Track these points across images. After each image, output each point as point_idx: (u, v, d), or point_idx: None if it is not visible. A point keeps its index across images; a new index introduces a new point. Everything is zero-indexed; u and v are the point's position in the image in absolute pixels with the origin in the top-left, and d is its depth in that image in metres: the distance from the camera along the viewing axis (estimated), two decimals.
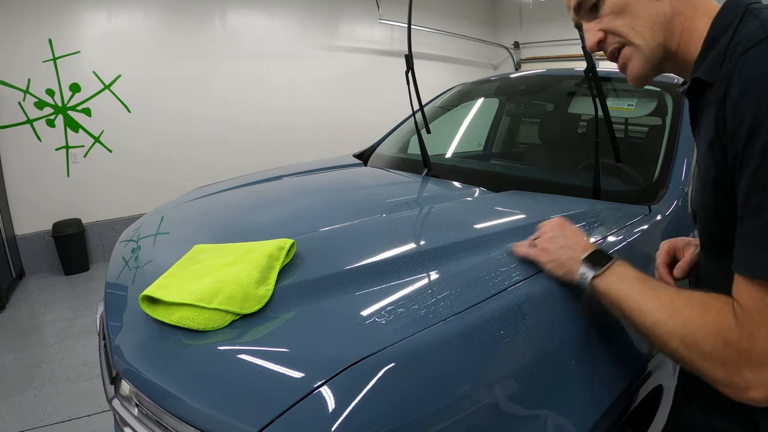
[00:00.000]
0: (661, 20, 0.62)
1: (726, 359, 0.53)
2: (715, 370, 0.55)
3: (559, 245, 0.80)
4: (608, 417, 0.81)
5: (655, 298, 0.63)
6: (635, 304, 0.64)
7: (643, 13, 0.63)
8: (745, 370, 0.52)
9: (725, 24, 0.58)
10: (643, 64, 0.66)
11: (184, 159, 4.35)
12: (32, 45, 3.57)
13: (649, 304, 0.62)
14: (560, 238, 0.81)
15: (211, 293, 0.75)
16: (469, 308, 0.72)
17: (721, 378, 0.54)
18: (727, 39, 0.56)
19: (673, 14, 0.62)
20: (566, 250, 0.78)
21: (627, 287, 0.66)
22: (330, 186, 1.64)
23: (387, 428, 0.57)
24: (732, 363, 0.53)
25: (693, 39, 0.62)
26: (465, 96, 2.16)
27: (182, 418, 0.63)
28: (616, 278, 0.69)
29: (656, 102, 1.56)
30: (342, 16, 5.29)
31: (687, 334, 0.57)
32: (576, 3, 0.68)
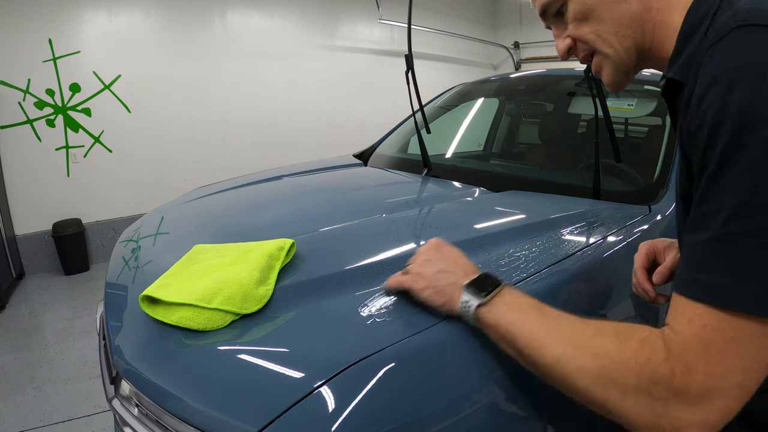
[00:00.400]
0: (628, 22, 0.57)
1: (653, 398, 0.45)
2: (639, 411, 0.46)
3: (436, 269, 0.69)
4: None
5: (557, 330, 0.54)
6: (532, 337, 0.55)
7: (608, 16, 0.57)
8: (674, 410, 0.44)
9: (701, 16, 0.51)
10: (614, 72, 0.61)
11: (184, 159, 4.35)
12: (32, 45, 3.57)
13: (550, 337, 0.53)
14: (437, 261, 0.70)
15: (211, 293, 0.75)
16: None
17: (643, 420, 0.46)
18: (701, 33, 0.50)
19: (642, 11, 0.56)
20: (445, 274, 0.68)
21: (521, 317, 0.57)
22: (330, 186, 1.64)
23: (387, 428, 0.57)
24: (660, 403, 0.45)
25: (667, 34, 0.56)
26: (465, 96, 2.16)
27: (182, 418, 0.63)
28: (506, 308, 0.59)
29: (656, 102, 1.56)
30: (342, 16, 5.29)
31: (601, 370, 0.48)
32: (540, 9, 0.64)
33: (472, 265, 0.69)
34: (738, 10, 0.46)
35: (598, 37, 0.59)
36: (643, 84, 1.67)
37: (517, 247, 0.93)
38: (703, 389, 0.43)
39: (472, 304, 0.62)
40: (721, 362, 0.42)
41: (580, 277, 0.87)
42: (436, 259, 0.71)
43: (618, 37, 0.58)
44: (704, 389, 0.43)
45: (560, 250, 0.91)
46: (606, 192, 1.24)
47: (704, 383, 0.43)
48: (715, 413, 0.43)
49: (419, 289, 0.69)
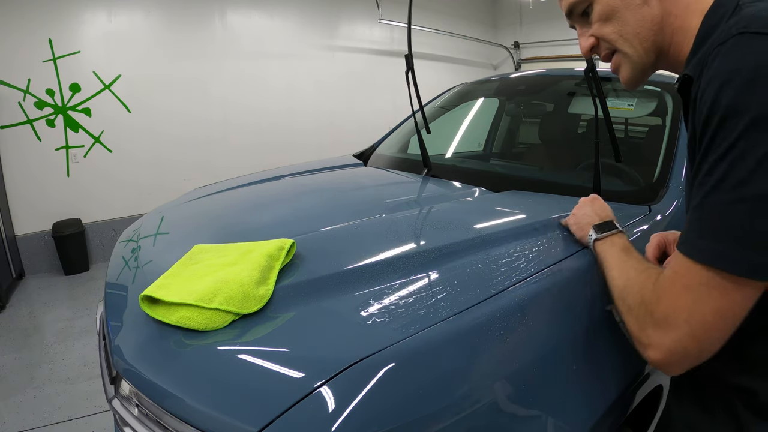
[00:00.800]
0: (649, 25, 0.62)
1: (638, 315, 0.60)
2: (631, 323, 0.61)
3: (584, 212, 0.92)
4: (608, 417, 0.81)
5: (622, 262, 0.71)
6: (607, 264, 0.75)
7: (631, 18, 0.62)
8: (649, 329, 0.58)
9: (716, 20, 0.56)
10: (632, 70, 0.66)
11: (184, 159, 4.35)
12: (32, 45, 3.57)
13: (615, 266, 0.72)
14: (587, 207, 0.92)
15: (211, 293, 0.75)
16: (469, 308, 0.72)
17: (634, 332, 0.61)
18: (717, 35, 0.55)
19: (662, 16, 0.61)
20: (587, 216, 0.89)
21: (611, 251, 0.77)
22: (330, 186, 1.64)
23: (387, 428, 0.57)
24: (641, 320, 0.59)
25: (686, 38, 0.60)
26: (465, 96, 2.16)
27: (182, 418, 0.63)
28: (609, 244, 0.79)
29: (656, 102, 1.56)
30: (342, 16, 5.29)
31: (623, 289, 0.66)
32: (567, 9, 0.69)
33: (609, 215, 0.88)
34: (742, 17, 0.52)
35: (620, 37, 0.65)
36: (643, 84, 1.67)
37: (517, 247, 0.94)
38: (663, 316, 0.56)
39: (592, 236, 0.84)
40: (677, 299, 0.55)
41: (580, 276, 0.87)
42: (587, 206, 0.93)
43: (639, 38, 0.63)
44: (663, 316, 0.56)
45: (560, 250, 0.92)
46: (606, 192, 1.24)
47: (664, 312, 0.56)
48: (669, 339, 0.55)
49: (570, 224, 0.95)
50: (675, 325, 0.54)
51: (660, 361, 0.57)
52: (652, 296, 0.58)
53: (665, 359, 0.56)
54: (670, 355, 0.55)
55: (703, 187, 0.52)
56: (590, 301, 0.87)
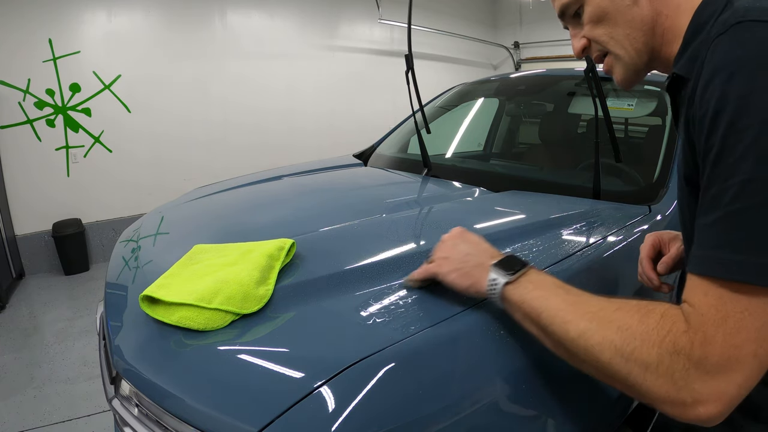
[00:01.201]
0: (639, 26, 0.61)
1: (674, 370, 0.46)
2: (660, 383, 0.47)
3: (462, 253, 0.70)
4: (608, 417, 0.81)
5: (581, 305, 0.55)
6: (556, 314, 0.56)
7: (621, 20, 0.61)
8: (695, 381, 0.45)
9: (705, 17, 0.54)
10: (624, 71, 0.65)
11: (184, 159, 4.35)
12: (32, 45, 3.57)
13: (575, 312, 0.55)
14: (462, 246, 0.72)
15: (211, 293, 0.75)
16: (469, 308, 0.72)
17: (665, 393, 0.47)
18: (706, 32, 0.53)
19: (653, 16, 0.60)
20: (471, 257, 0.69)
21: (546, 295, 0.59)
22: (330, 186, 1.64)
23: (387, 428, 0.57)
24: (680, 374, 0.45)
25: (676, 37, 0.59)
26: (465, 96, 2.16)
27: (182, 418, 0.63)
28: (532, 285, 0.61)
29: (656, 102, 1.56)
30: (342, 16, 5.30)
31: (624, 342, 0.49)
32: (559, 10, 0.68)
33: (495, 250, 0.71)
34: (737, 8, 0.50)
35: (611, 38, 0.63)
36: (643, 84, 1.67)
37: (517, 247, 0.94)
38: (722, 359, 0.44)
39: (499, 282, 0.63)
40: (738, 332, 0.44)
41: (580, 276, 0.87)
42: (461, 244, 0.72)
43: (629, 39, 0.62)
44: (723, 359, 0.44)
45: (560, 250, 0.92)
46: (606, 192, 1.24)
47: (722, 353, 0.44)
48: (734, 385, 0.44)
49: (445, 273, 0.70)
50: (741, 364, 0.43)
51: (720, 414, 0.45)
52: (692, 340, 0.45)
53: (726, 409, 0.45)
54: (731, 403, 0.45)
55: (727, 193, 0.45)
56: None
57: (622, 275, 0.94)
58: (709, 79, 0.48)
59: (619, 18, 0.61)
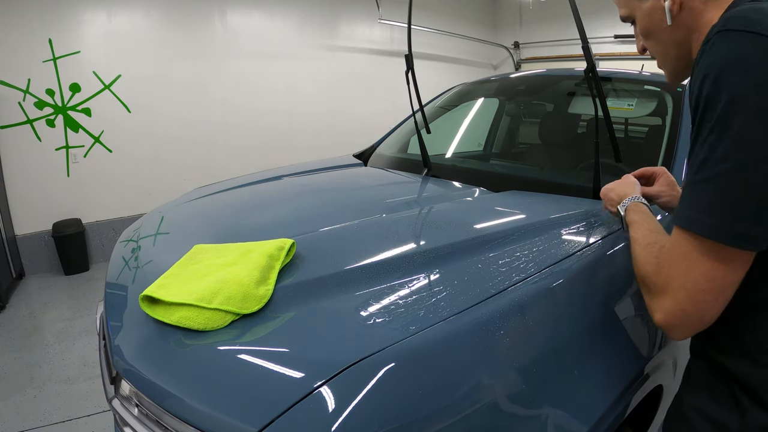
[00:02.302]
0: (674, 45, 0.71)
1: (647, 286, 0.67)
2: (644, 293, 0.68)
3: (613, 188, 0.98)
4: (608, 417, 0.81)
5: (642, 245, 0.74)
6: (633, 235, 0.78)
7: (662, 39, 0.73)
8: (654, 295, 0.64)
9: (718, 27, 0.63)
10: (667, 74, 0.78)
11: (184, 159, 4.35)
12: (32, 45, 3.57)
13: (640, 239, 0.75)
14: (617, 186, 0.97)
15: (211, 293, 0.75)
16: (469, 308, 0.73)
17: (646, 301, 0.67)
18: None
19: (688, 35, 0.69)
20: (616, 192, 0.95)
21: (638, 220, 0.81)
22: (330, 186, 1.64)
23: (387, 428, 0.57)
24: (648, 289, 0.66)
25: None
26: (465, 96, 2.16)
27: (182, 418, 0.63)
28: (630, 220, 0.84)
29: (656, 102, 1.56)
30: (342, 16, 5.29)
31: (636, 259, 0.71)
32: (621, 17, 0.80)
33: (629, 193, 0.91)
34: (723, 18, 0.59)
35: (655, 51, 0.77)
36: (643, 84, 1.67)
37: (517, 247, 0.94)
38: (663, 283, 0.62)
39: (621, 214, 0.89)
40: (673, 266, 0.61)
41: (580, 276, 0.87)
42: (615, 186, 0.98)
43: (668, 55, 0.75)
44: (663, 283, 0.62)
45: (560, 250, 0.92)
46: None
47: (664, 279, 0.62)
48: (669, 303, 0.61)
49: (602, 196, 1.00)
50: (673, 290, 0.60)
51: (663, 322, 0.62)
52: (653, 268, 0.65)
53: (668, 321, 0.62)
54: (672, 318, 0.61)
55: (693, 167, 0.59)
56: (590, 301, 0.87)
57: (622, 275, 0.94)
58: (693, 81, 0.60)
59: (661, 36, 0.73)
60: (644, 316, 0.95)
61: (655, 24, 0.72)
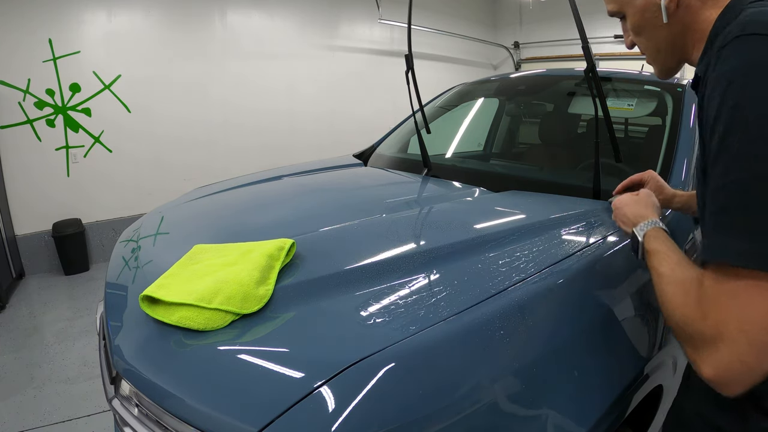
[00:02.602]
0: (671, 42, 0.69)
1: (688, 335, 0.56)
2: (684, 341, 0.58)
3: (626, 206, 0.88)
4: (608, 417, 0.81)
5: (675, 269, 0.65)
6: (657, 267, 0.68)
7: (655, 36, 0.70)
8: (701, 347, 0.54)
9: (723, 24, 0.60)
10: (657, 71, 0.75)
11: (184, 159, 4.35)
12: (32, 45, 3.57)
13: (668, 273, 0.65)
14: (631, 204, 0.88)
15: (211, 293, 0.75)
16: (469, 308, 0.72)
17: (687, 352, 0.57)
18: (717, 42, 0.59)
19: (683, 32, 0.67)
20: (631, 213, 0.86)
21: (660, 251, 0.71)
22: (330, 186, 1.64)
23: (387, 428, 0.57)
24: (689, 338, 0.56)
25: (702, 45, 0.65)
26: (465, 96, 2.16)
27: (182, 418, 0.63)
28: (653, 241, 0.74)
29: (656, 102, 1.56)
30: (342, 16, 5.29)
31: (667, 299, 0.61)
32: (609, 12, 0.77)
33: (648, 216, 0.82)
34: (739, 22, 0.56)
35: (646, 49, 0.74)
36: (643, 84, 1.67)
37: (517, 247, 0.94)
38: (713, 332, 0.52)
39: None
40: (724, 310, 0.51)
41: (580, 277, 0.87)
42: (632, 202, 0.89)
43: (661, 53, 0.72)
44: (713, 332, 0.52)
45: (560, 250, 0.91)
46: (606, 192, 1.24)
47: (713, 327, 0.52)
48: (727, 354, 0.50)
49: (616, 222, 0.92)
50: (729, 338, 0.50)
51: (715, 378, 0.52)
52: (696, 314, 0.55)
53: (724, 376, 0.51)
54: (728, 372, 0.51)
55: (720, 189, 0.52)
56: (590, 301, 0.87)
57: (622, 275, 0.94)
58: (713, 87, 0.55)
59: (653, 34, 0.70)
60: (644, 316, 0.96)
61: (649, 21, 0.69)
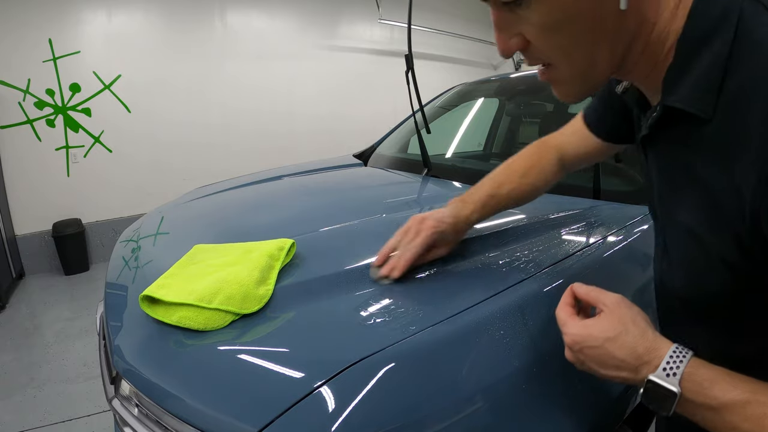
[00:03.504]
0: (611, 48, 0.46)
1: None
2: None
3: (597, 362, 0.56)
4: (608, 417, 0.81)
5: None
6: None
7: (589, 37, 0.46)
8: None
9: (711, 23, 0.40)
10: (568, 94, 0.53)
11: (184, 159, 4.35)
12: (32, 45, 3.57)
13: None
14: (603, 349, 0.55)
15: (211, 293, 0.75)
16: (469, 308, 0.72)
17: None
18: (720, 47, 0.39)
19: (636, 28, 0.46)
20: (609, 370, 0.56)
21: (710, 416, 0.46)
22: (330, 186, 1.64)
23: (387, 428, 0.57)
24: None
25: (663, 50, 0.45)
26: (465, 96, 2.16)
27: (182, 418, 0.63)
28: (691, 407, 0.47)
29: None
30: (342, 16, 5.29)
31: None
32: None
33: (658, 346, 0.52)
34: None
35: (565, 56, 0.49)
36: None
37: (517, 247, 0.94)
38: None
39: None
40: None
41: (580, 276, 0.87)
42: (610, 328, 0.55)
43: (592, 63, 0.48)
44: None
45: (560, 250, 0.91)
46: (606, 192, 1.24)
47: None
48: None
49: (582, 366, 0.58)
50: None
51: None
52: None
53: None
54: None
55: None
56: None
57: (621, 275, 0.94)
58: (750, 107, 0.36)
59: (585, 30, 0.44)
60: None
61: (591, 8, 0.42)
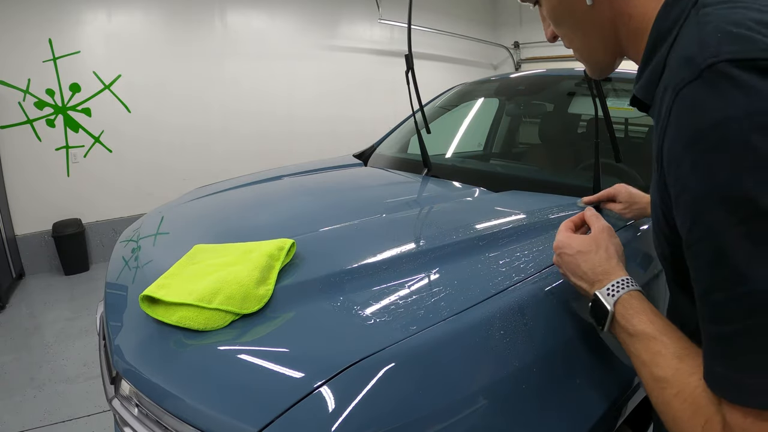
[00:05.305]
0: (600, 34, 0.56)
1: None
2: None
3: (572, 267, 0.70)
4: (608, 416, 0.81)
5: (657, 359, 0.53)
6: (639, 355, 0.56)
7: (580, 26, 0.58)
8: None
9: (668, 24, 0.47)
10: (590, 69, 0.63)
11: (184, 159, 4.35)
12: (32, 45, 3.57)
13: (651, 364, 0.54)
14: (579, 257, 0.69)
15: (211, 293, 0.75)
16: (469, 308, 0.73)
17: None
18: (666, 48, 0.46)
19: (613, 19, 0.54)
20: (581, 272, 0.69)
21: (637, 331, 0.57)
22: (330, 186, 1.64)
23: (387, 428, 0.57)
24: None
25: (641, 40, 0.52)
26: (465, 96, 2.16)
27: (182, 418, 0.63)
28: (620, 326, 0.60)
29: None
30: (342, 16, 5.29)
31: (668, 414, 0.50)
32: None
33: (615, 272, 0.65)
34: (706, 37, 0.40)
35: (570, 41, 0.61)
36: None
37: (517, 247, 0.94)
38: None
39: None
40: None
41: None
42: (585, 247, 0.69)
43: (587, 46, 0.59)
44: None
45: None
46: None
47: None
48: None
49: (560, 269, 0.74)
50: None
51: None
52: None
53: None
54: None
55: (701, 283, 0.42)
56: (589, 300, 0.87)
57: None
58: (681, 151, 0.41)
59: (574, 23, 0.57)
60: None
61: (569, 6, 0.55)
